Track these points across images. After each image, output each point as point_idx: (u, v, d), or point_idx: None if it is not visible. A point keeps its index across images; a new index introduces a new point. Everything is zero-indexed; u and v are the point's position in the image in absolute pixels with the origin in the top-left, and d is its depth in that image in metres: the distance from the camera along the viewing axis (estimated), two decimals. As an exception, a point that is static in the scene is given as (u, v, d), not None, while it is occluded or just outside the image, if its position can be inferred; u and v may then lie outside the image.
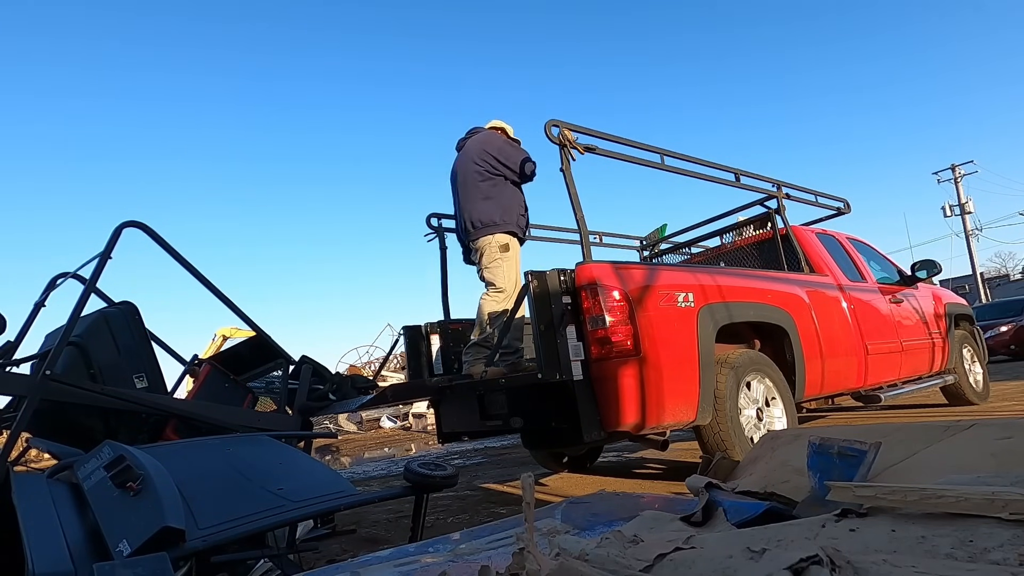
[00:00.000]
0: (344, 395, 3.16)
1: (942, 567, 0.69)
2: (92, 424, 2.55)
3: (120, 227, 2.62)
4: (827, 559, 0.68)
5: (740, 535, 0.93)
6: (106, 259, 2.57)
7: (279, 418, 2.87)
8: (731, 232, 5.10)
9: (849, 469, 1.06)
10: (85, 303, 2.48)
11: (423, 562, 1.00)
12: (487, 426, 3.53)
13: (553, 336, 2.82)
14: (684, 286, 3.17)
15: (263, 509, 1.56)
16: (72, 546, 1.38)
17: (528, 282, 2.87)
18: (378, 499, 1.91)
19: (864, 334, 4.19)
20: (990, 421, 1.17)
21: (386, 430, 11.52)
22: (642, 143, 3.47)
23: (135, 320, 2.84)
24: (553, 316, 2.83)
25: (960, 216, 28.57)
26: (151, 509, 1.37)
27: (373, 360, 15.90)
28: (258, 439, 2.19)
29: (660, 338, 2.91)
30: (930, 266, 5.07)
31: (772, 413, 3.40)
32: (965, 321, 5.88)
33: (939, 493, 0.83)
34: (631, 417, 2.79)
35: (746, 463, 1.52)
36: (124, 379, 2.67)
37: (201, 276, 2.87)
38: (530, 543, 0.79)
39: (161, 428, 2.65)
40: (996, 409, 5.24)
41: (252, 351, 3.26)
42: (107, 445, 1.69)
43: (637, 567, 0.80)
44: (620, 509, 1.29)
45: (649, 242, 5.91)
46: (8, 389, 2.42)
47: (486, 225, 3.53)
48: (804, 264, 4.25)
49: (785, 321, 3.61)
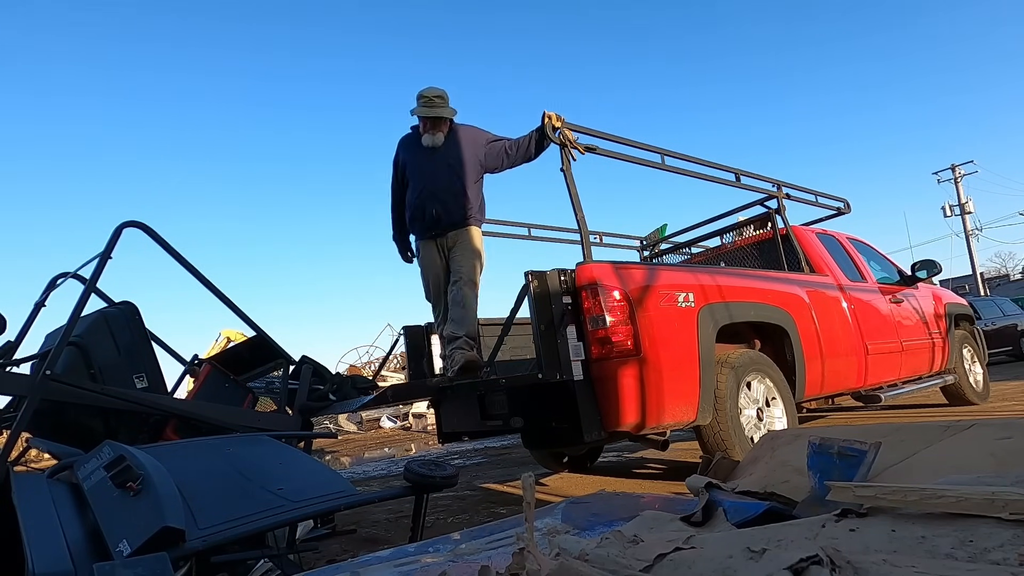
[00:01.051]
0: (344, 395, 3.16)
1: (942, 567, 0.69)
2: (92, 424, 2.55)
3: (120, 227, 2.62)
4: (827, 559, 0.68)
5: (740, 535, 0.93)
6: (106, 259, 2.58)
7: (279, 418, 2.87)
8: (731, 232, 5.10)
9: (849, 469, 1.06)
10: (85, 303, 2.49)
11: (423, 562, 1.00)
12: (487, 426, 3.53)
13: (553, 336, 2.82)
14: (684, 286, 3.17)
15: (263, 509, 1.56)
16: (72, 546, 1.38)
17: (528, 282, 2.87)
18: (378, 499, 1.91)
19: (864, 334, 4.19)
20: (990, 421, 1.17)
21: (386, 430, 11.52)
22: (642, 143, 3.48)
23: (135, 320, 2.84)
24: (553, 316, 2.83)
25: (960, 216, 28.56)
26: (151, 509, 1.37)
27: (373, 360, 15.91)
28: (258, 439, 2.19)
29: (660, 338, 2.91)
30: (930, 266, 5.07)
31: (772, 413, 3.40)
32: (965, 321, 5.88)
33: (939, 493, 0.83)
34: (631, 417, 2.79)
35: (746, 463, 1.52)
36: (124, 379, 2.67)
37: (201, 276, 2.87)
38: (530, 543, 0.79)
39: (161, 428, 2.65)
40: (996, 409, 5.24)
41: (252, 351, 3.26)
42: (107, 445, 1.69)
43: (637, 567, 0.80)
44: (620, 509, 1.29)
45: (649, 242, 5.91)
46: (8, 389, 2.42)
47: (468, 218, 3.43)
48: (804, 264, 4.25)
49: (785, 321, 3.61)
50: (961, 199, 28.51)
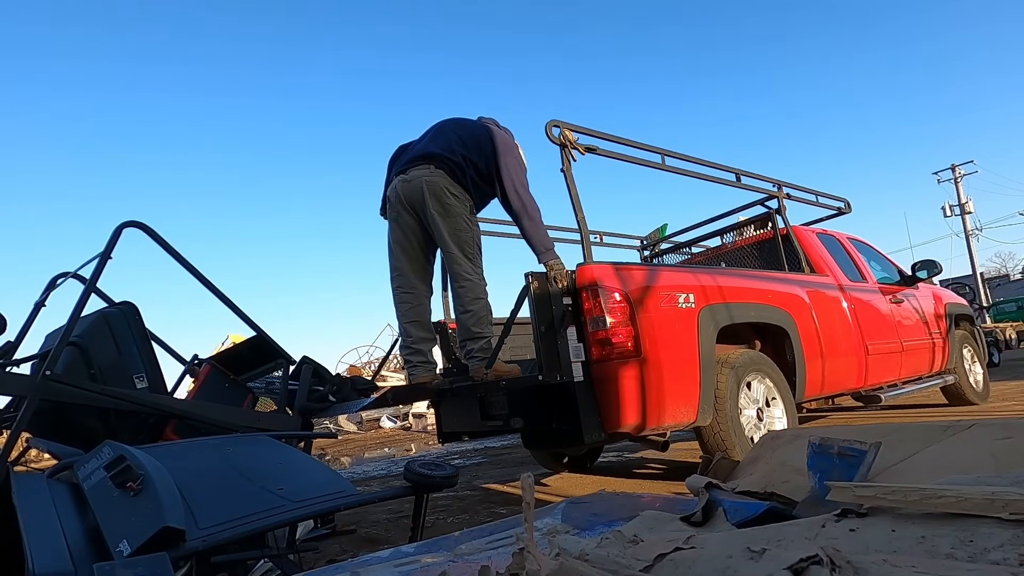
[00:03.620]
0: (344, 397, 3.15)
1: (942, 567, 0.69)
2: (92, 424, 2.55)
3: (120, 227, 2.61)
4: (827, 559, 0.68)
5: (740, 535, 0.93)
6: (106, 259, 2.57)
7: (279, 418, 2.86)
8: (732, 232, 5.10)
9: (849, 469, 1.06)
10: (85, 303, 2.48)
11: (423, 562, 1.00)
12: (487, 426, 3.52)
13: (554, 337, 2.82)
14: (685, 287, 3.17)
15: (263, 509, 1.56)
16: (72, 546, 1.38)
17: (529, 283, 2.86)
18: (378, 499, 1.90)
19: (864, 334, 4.19)
20: (990, 421, 1.17)
21: (386, 430, 11.51)
22: (643, 143, 3.48)
23: (135, 320, 2.84)
24: (554, 317, 2.83)
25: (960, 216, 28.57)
26: (151, 509, 1.37)
27: (373, 360, 15.89)
28: (258, 439, 2.19)
29: (661, 339, 2.91)
30: (930, 266, 5.07)
31: (772, 413, 3.40)
32: (965, 321, 5.88)
33: (939, 493, 0.83)
34: (632, 418, 2.79)
35: (746, 463, 1.52)
36: (124, 379, 2.67)
37: (201, 276, 2.86)
38: (530, 543, 0.79)
39: (161, 428, 2.65)
40: (996, 409, 5.24)
41: (252, 351, 3.25)
42: (107, 445, 1.69)
43: (637, 567, 0.80)
44: (620, 509, 1.29)
45: (650, 242, 5.91)
46: (8, 389, 2.42)
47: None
48: (805, 264, 4.25)
49: (786, 321, 3.61)
50: (961, 199, 28.53)
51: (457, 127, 3.32)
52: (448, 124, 3.36)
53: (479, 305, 3.13)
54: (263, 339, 3.06)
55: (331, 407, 3.09)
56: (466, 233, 3.15)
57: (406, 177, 3.17)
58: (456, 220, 3.12)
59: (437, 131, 3.33)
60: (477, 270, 3.18)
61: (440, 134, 3.29)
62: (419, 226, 3.24)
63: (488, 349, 3.09)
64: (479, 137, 3.24)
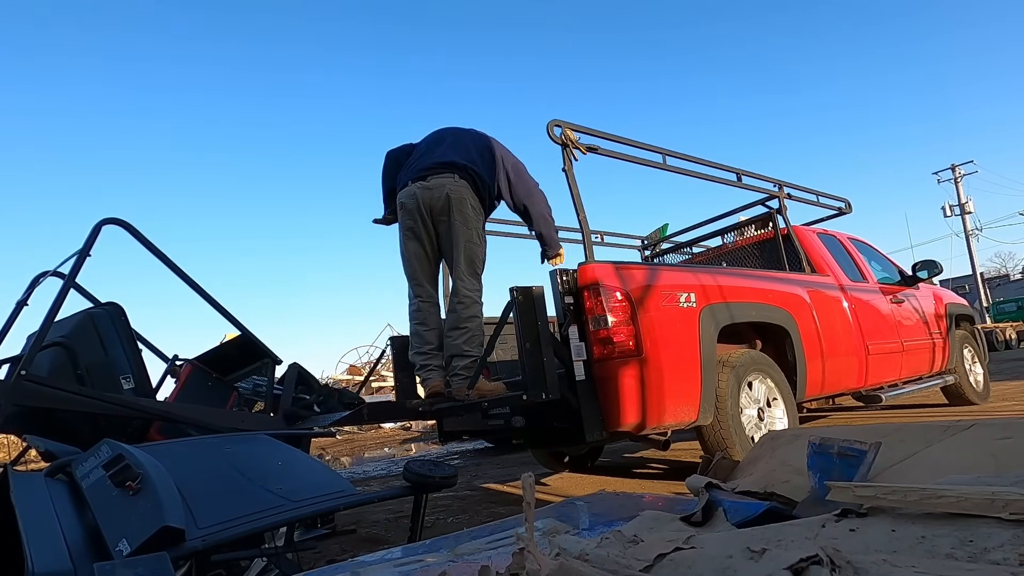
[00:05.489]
0: (330, 408, 3.09)
1: (942, 567, 0.69)
2: (79, 425, 2.51)
3: (100, 224, 2.58)
4: (827, 559, 0.68)
5: (740, 535, 0.93)
6: (85, 256, 2.53)
7: (263, 419, 2.82)
8: (732, 232, 5.10)
9: (849, 469, 1.06)
10: (63, 300, 2.43)
11: (423, 562, 1.00)
12: (488, 426, 3.52)
13: (539, 355, 2.75)
14: (686, 286, 3.17)
15: (263, 509, 1.56)
16: (71, 546, 1.38)
17: (513, 298, 2.83)
18: (378, 499, 1.90)
19: (865, 334, 4.19)
20: (990, 421, 1.16)
21: (386, 430, 11.50)
22: (644, 143, 3.48)
23: (121, 321, 2.81)
24: (540, 334, 2.78)
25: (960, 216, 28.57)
26: (150, 508, 1.37)
27: (372, 360, 15.89)
28: (257, 438, 2.19)
29: (662, 338, 2.91)
30: (931, 266, 5.07)
31: (773, 413, 3.40)
32: (966, 321, 5.88)
33: (939, 493, 0.83)
34: (633, 417, 2.79)
35: (746, 463, 1.52)
36: (111, 380, 2.64)
37: (184, 274, 2.82)
38: (530, 543, 0.79)
39: (146, 429, 2.62)
40: (996, 409, 5.24)
41: (237, 350, 3.22)
42: (105, 443, 1.69)
43: (637, 567, 0.80)
44: (620, 509, 1.29)
45: (650, 242, 5.91)
46: None
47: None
48: (805, 264, 4.25)
49: (786, 321, 3.61)
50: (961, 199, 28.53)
51: (473, 139, 3.30)
52: (463, 134, 3.34)
53: (474, 324, 3.12)
54: (248, 338, 3.03)
55: (312, 417, 3.04)
56: (477, 247, 3.15)
57: (427, 184, 3.11)
58: (471, 233, 3.11)
59: (453, 139, 3.30)
60: (478, 288, 3.16)
61: (457, 143, 3.26)
62: (435, 234, 3.21)
63: (472, 368, 3.04)
64: (491, 152, 3.25)
